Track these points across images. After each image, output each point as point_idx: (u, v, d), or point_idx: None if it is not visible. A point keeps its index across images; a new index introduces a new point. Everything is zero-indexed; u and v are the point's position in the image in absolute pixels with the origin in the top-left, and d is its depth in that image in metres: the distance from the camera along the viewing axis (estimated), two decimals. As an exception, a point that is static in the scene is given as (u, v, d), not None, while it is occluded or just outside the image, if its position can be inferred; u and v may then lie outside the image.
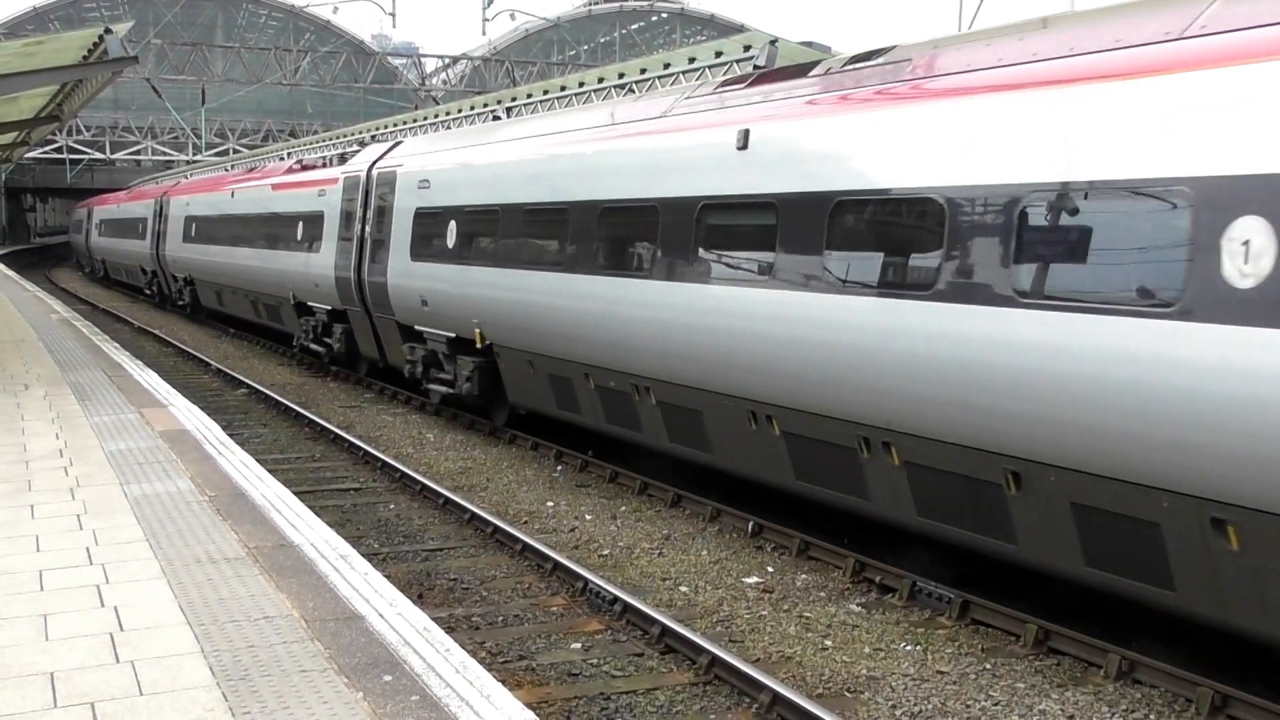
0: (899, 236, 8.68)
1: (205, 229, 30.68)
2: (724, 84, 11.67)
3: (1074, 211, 7.25)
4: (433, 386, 17.10)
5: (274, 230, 24.49)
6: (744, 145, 10.27)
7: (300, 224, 22.72)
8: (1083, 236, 7.23)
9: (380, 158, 19.47)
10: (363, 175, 19.64)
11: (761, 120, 10.22)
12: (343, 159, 21.98)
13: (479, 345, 15.31)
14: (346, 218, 20.11)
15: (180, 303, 35.15)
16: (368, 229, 19.15)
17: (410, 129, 34.54)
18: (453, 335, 16.09)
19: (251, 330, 30.27)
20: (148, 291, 40.62)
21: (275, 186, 25.18)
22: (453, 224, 16.05)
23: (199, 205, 31.89)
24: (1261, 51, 6.33)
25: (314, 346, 22.70)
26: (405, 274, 17.32)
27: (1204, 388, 6.34)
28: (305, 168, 24.39)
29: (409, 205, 17.43)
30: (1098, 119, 7.15)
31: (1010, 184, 7.67)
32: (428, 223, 16.71)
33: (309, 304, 22.67)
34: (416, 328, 17.25)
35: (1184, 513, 6.66)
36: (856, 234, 9.03)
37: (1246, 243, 6.21)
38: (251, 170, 31.10)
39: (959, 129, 8.15)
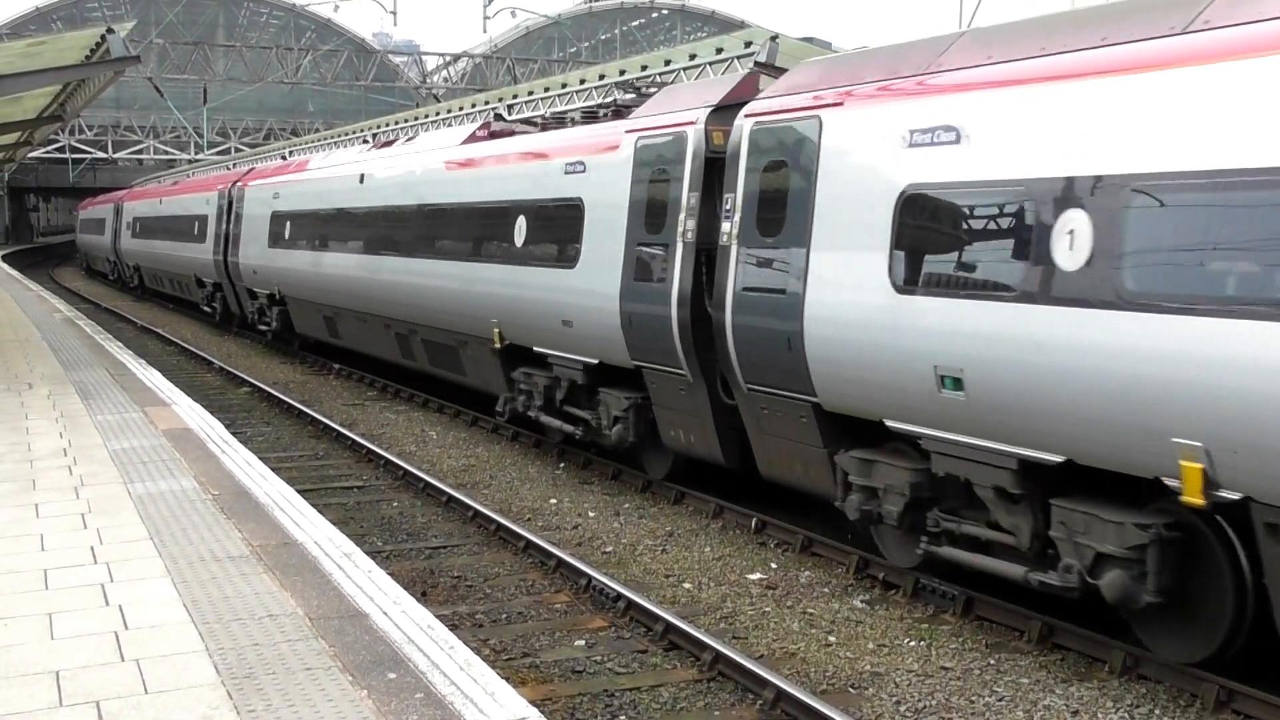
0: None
1: (309, 229, 22.59)
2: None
3: None
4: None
5: (486, 231, 15.19)
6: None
7: (543, 222, 13.78)
8: None
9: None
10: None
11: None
12: (617, 113, 13.66)
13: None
14: (659, 205, 11.65)
15: (264, 328, 26.22)
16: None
17: (412, 126, 34.54)
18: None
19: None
20: (207, 309, 31.57)
21: (492, 159, 15.44)
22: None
23: (298, 195, 23.64)
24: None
25: (563, 427, 13.67)
26: None
27: None
28: (544, 126, 15.60)
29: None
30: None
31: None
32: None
33: (546, 352, 13.65)
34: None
35: None
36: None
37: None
38: (389, 142, 20.97)
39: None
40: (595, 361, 12.59)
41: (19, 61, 17.12)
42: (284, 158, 34.56)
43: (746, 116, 10.31)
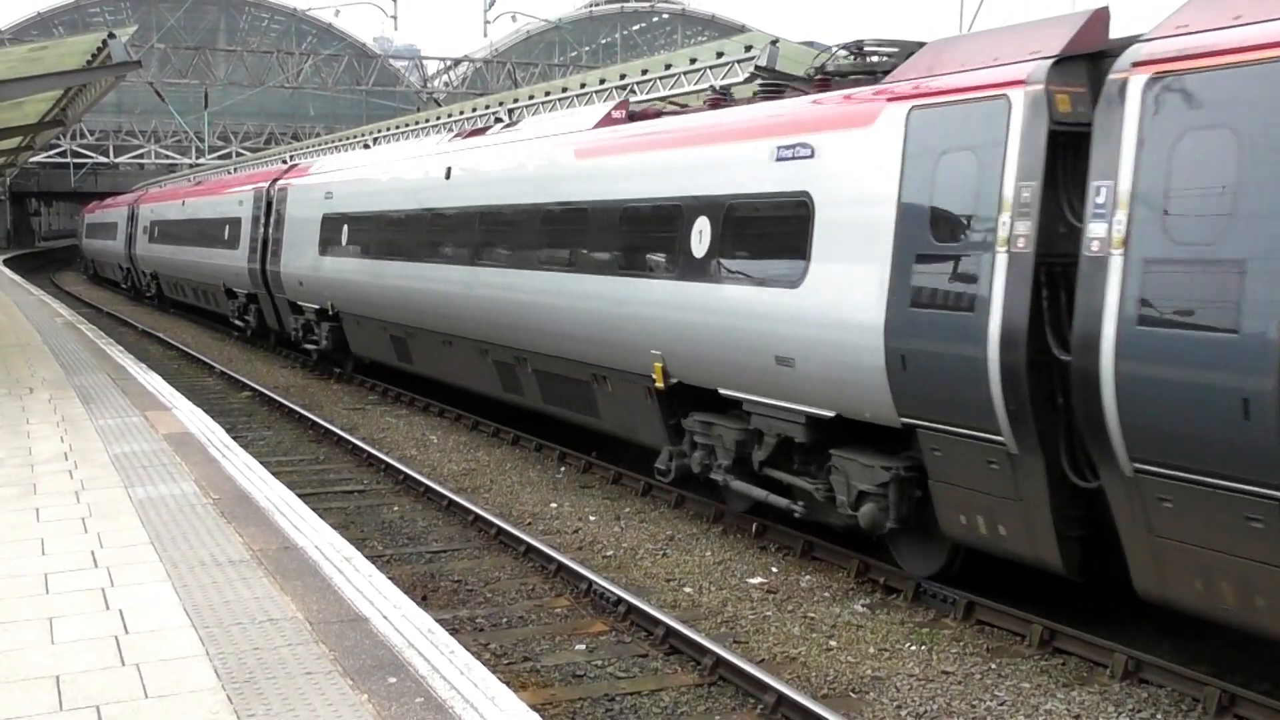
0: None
1: (374, 234, 18.88)
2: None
3: None
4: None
5: (644, 238, 11.88)
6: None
7: (740, 226, 10.65)
8: None
9: None
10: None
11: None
12: (847, 78, 10.29)
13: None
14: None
15: (310, 347, 22.71)
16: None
17: (414, 130, 34.56)
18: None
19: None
20: (238, 322, 28.16)
21: (648, 145, 12.13)
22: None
23: (358, 195, 19.82)
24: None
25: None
26: None
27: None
28: (713, 104, 12.07)
29: None
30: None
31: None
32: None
33: (740, 397, 10.65)
34: None
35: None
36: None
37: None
38: (477, 131, 17.44)
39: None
40: (828, 414, 9.41)
41: (21, 66, 17.15)
42: (366, 146, 31.63)
43: (1139, 66, 7.16)
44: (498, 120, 24.92)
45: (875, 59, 10.09)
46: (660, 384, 11.46)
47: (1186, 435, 6.71)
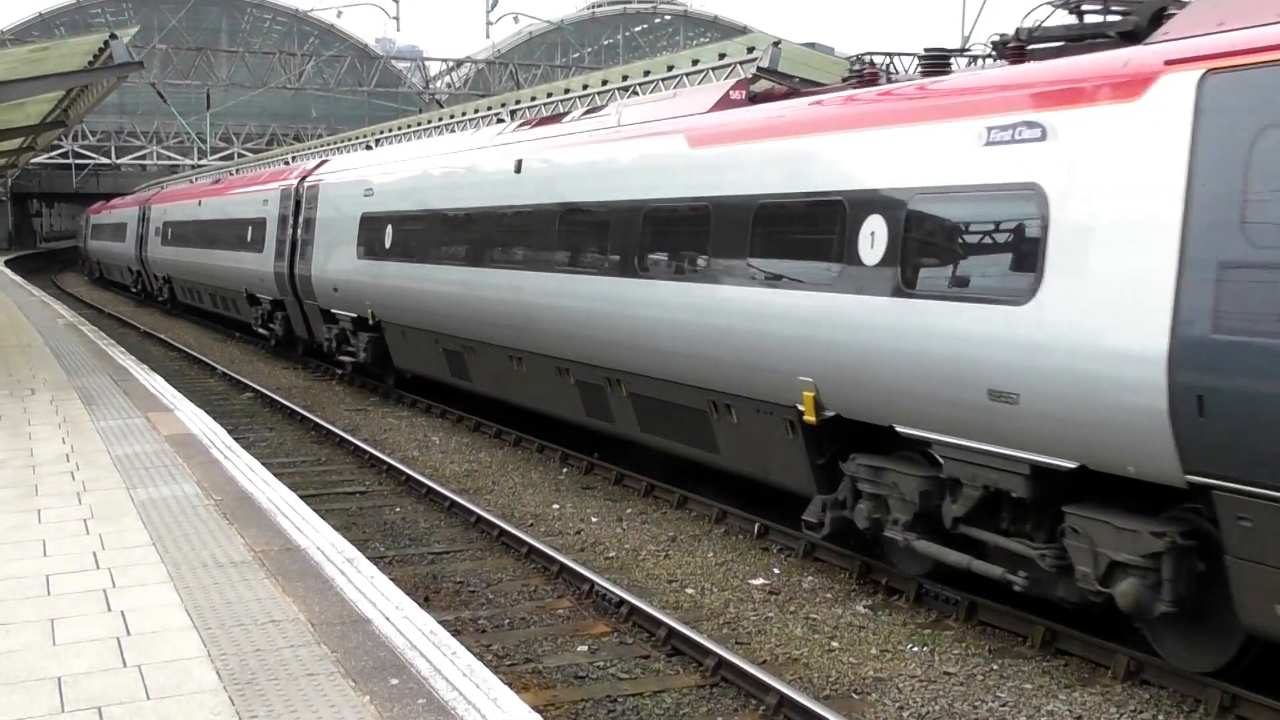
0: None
1: (424, 235, 17.22)
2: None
3: None
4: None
5: (786, 240, 10.19)
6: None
7: (931, 226, 8.83)
8: None
9: None
10: None
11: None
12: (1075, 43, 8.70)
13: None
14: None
15: (346, 359, 20.89)
16: None
17: (415, 132, 34.55)
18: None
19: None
20: (261, 330, 26.23)
21: (788, 128, 10.32)
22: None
23: (404, 192, 18.22)
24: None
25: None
26: None
27: None
28: (864, 79, 10.31)
29: None
30: None
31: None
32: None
33: (930, 438, 8.72)
34: None
35: None
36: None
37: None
38: (548, 119, 15.55)
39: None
40: (1067, 465, 7.52)
41: (22, 67, 17.17)
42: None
43: None
44: (579, 104, 23.24)
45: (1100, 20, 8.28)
46: (810, 417, 9.44)
47: None
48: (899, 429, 8.75)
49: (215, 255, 29.31)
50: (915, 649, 8.27)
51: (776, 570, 10.12)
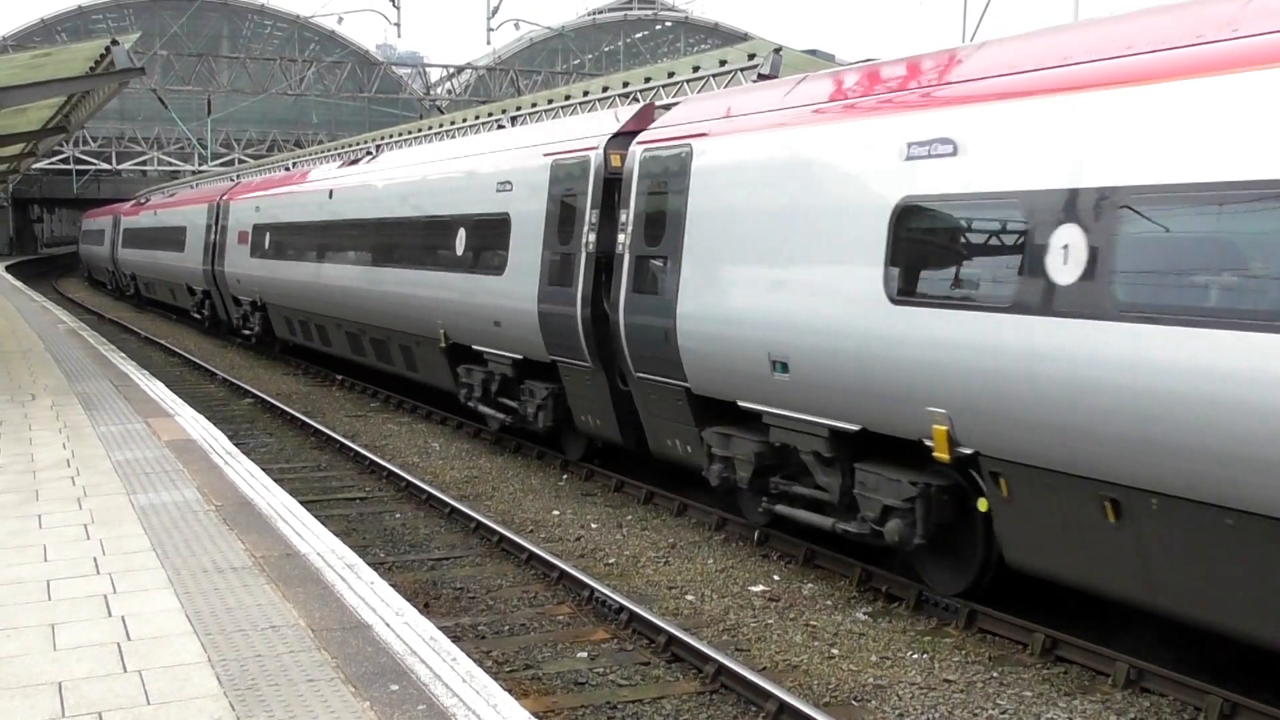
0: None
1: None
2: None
3: None
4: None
5: None
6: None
7: None
8: None
9: None
10: None
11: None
12: None
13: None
14: None
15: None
16: None
17: (416, 138, 34.60)
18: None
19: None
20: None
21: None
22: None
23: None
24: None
25: None
26: None
27: None
28: None
29: None
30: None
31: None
32: None
33: None
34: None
35: None
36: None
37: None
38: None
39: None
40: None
41: (24, 73, 17.19)
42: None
43: None
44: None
45: None
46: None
47: None
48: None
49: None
50: (915, 656, 8.27)
51: (776, 577, 10.12)
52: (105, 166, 66.38)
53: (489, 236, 14.92)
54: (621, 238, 12.03)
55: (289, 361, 26.01)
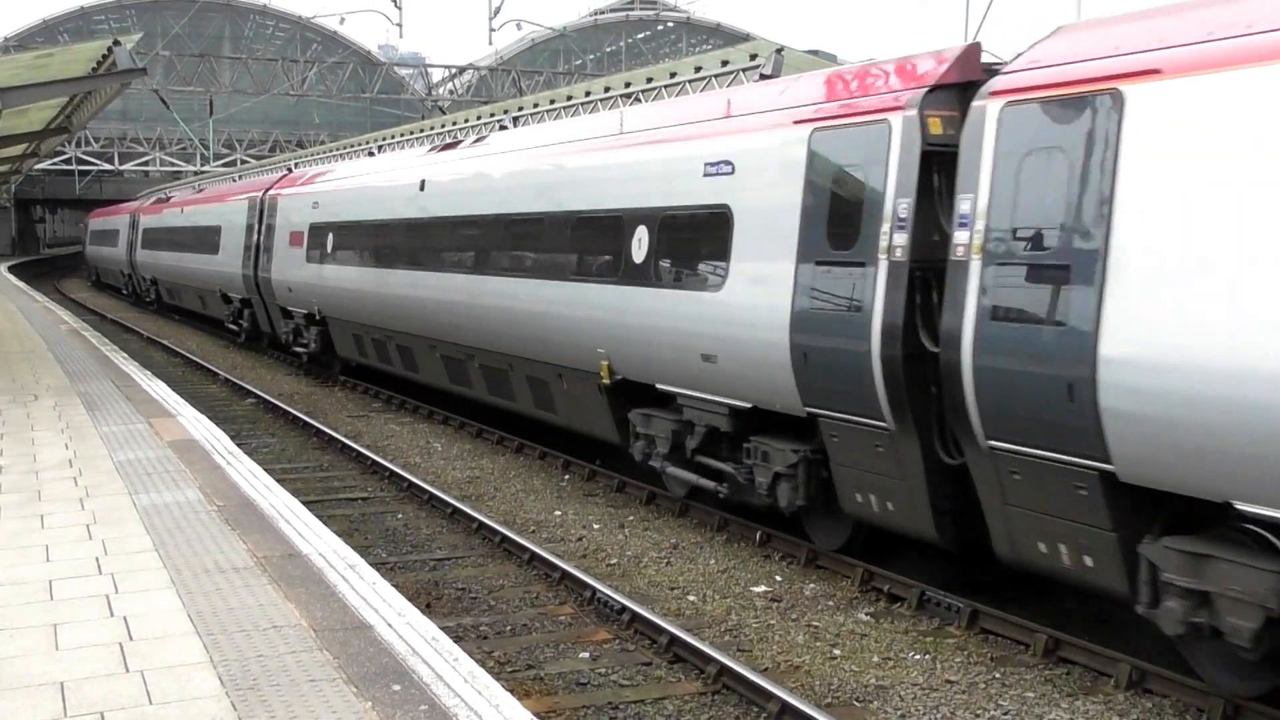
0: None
1: None
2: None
3: None
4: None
5: None
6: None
7: None
8: None
9: None
10: None
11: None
12: None
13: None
14: None
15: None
16: None
17: (419, 138, 34.61)
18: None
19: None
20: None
21: None
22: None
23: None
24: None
25: None
26: None
27: None
28: None
29: None
30: None
31: None
32: None
33: None
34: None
35: None
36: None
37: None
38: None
39: None
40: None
41: (26, 74, 17.20)
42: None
43: None
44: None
45: None
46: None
47: None
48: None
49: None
50: (917, 657, 8.26)
51: (778, 578, 10.11)
52: (108, 167, 66.47)
53: (692, 238, 11.34)
54: (962, 238, 8.34)
55: (290, 362, 25.95)
